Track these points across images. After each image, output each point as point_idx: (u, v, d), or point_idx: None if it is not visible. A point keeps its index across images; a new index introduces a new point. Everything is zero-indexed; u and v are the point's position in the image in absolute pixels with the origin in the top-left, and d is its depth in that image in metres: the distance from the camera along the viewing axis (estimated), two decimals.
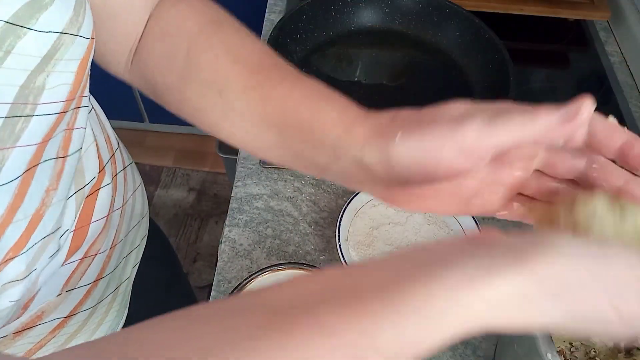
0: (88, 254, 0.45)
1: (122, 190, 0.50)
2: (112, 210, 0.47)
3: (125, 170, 0.51)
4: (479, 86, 0.83)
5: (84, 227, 0.43)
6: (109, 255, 0.48)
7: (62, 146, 0.38)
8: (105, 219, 0.46)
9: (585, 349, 0.54)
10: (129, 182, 0.52)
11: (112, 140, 0.50)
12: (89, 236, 0.44)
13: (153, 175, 1.83)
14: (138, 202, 0.55)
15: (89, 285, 0.46)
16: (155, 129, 1.93)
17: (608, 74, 0.91)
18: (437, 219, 0.68)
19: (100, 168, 0.45)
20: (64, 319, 0.46)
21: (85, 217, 0.43)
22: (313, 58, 0.86)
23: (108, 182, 0.46)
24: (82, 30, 0.37)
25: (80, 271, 0.45)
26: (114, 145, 0.50)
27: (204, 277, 1.57)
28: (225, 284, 0.63)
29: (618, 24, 0.98)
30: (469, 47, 0.86)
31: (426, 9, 0.89)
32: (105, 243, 0.47)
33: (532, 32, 0.99)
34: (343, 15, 0.89)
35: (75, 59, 0.37)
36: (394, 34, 0.90)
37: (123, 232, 0.51)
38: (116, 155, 0.49)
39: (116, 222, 0.48)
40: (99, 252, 0.46)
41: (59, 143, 0.38)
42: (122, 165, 0.51)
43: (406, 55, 0.89)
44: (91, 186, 0.43)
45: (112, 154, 0.49)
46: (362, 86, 0.84)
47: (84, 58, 0.38)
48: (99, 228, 0.45)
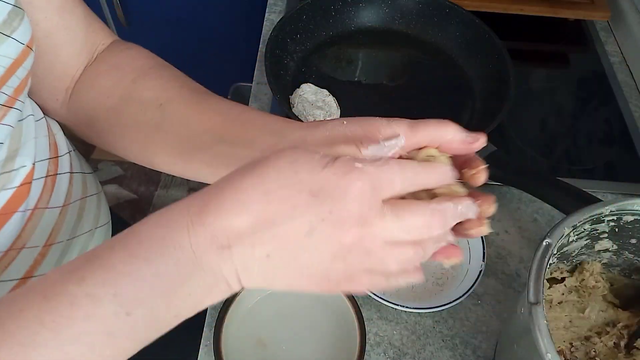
0: (12, 247, 0.44)
1: (64, 192, 0.50)
2: (40, 207, 0.47)
3: (72, 175, 0.53)
4: (479, 86, 0.83)
5: (7, 214, 0.43)
6: (42, 254, 0.47)
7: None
8: (30, 212, 0.46)
9: (585, 348, 0.54)
10: (76, 188, 0.53)
11: (59, 146, 0.52)
12: (12, 227, 0.44)
13: (153, 175, 1.83)
14: (89, 212, 0.55)
15: (16, 281, 0.45)
16: None
17: (608, 74, 0.91)
18: None
19: (32, 160, 0.46)
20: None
21: (12, 204, 0.44)
22: (313, 58, 0.86)
23: (41, 175, 0.47)
24: (16, 34, 0.40)
25: (3, 264, 0.44)
26: (61, 151, 0.52)
27: None
28: None
29: (618, 24, 0.98)
30: (469, 47, 0.86)
31: (426, 9, 0.89)
32: (34, 239, 0.46)
33: (532, 32, 0.99)
34: (343, 15, 0.89)
35: (7, 56, 0.39)
36: (394, 34, 0.90)
37: (63, 235, 0.50)
38: (61, 161, 0.51)
39: (51, 221, 0.48)
40: (25, 247, 0.45)
41: None
42: (68, 169, 0.52)
43: (406, 55, 0.89)
44: (22, 177, 0.44)
45: (55, 156, 0.50)
46: (362, 86, 0.84)
47: (17, 60, 0.41)
48: (23, 220, 0.45)
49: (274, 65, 0.78)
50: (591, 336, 0.55)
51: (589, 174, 0.78)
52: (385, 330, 0.61)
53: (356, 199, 0.29)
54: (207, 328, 0.60)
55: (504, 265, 0.67)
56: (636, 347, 0.53)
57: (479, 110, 0.80)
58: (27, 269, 0.46)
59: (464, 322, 0.62)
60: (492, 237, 0.69)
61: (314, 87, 0.78)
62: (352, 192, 0.29)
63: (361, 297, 0.61)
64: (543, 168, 0.78)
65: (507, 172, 0.69)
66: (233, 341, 0.56)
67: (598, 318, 0.56)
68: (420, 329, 0.61)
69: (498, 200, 0.76)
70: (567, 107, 0.88)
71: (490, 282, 0.65)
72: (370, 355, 0.59)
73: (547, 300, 0.56)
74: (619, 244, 0.53)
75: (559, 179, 0.67)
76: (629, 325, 0.55)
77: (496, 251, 0.68)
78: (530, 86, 0.91)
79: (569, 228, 0.48)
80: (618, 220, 0.50)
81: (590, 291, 0.57)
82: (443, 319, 0.62)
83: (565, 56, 0.97)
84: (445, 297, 0.60)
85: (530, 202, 0.73)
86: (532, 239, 0.69)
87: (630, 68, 0.92)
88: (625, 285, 0.57)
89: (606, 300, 0.57)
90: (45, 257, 0.48)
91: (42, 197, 0.47)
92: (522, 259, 0.67)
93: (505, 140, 0.81)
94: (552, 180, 0.67)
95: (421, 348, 0.60)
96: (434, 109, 0.81)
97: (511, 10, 0.94)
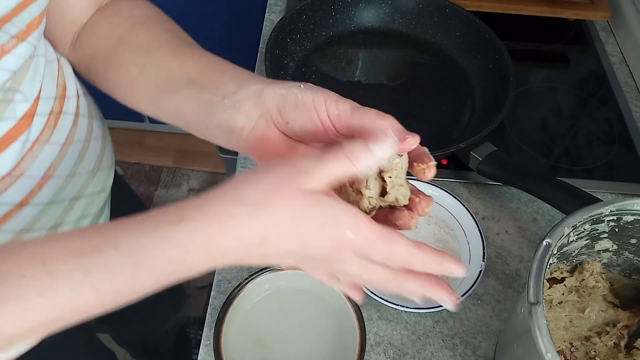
0: (10, 174, 0.47)
1: (67, 131, 0.54)
2: (41, 141, 0.50)
3: (77, 117, 0.56)
4: (479, 86, 0.83)
5: (5, 142, 0.47)
6: (39, 185, 0.50)
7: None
8: (31, 144, 0.49)
9: (585, 348, 0.54)
10: (80, 130, 0.56)
11: (67, 88, 0.55)
12: (10, 155, 0.47)
13: (153, 175, 1.83)
14: (92, 154, 0.58)
15: (12, 206, 0.48)
16: (155, 129, 1.92)
17: (608, 74, 0.91)
18: (437, 219, 0.68)
19: (36, 96, 0.49)
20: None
21: (12, 134, 0.47)
22: (313, 58, 0.86)
23: (44, 111, 0.50)
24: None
25: (1, 187, 0.47)
26: (69, 93, 0.55)
27: (204, 277, 1.57)
28: (225, 284, 0.63)
29: (618, 24, 0.98)
30: (469, 47, 0.86)
31: (426, 9, 0.89)
32: (33, 170, 0.49)
33: (532, 32, 0.99)
34: (343, 15, 0.89)
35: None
36: (394, 34, 0.90)
37: (62, 170, 0.53)
38: (67, 102, 0.55)
39: (50, 156, 0.51)
40: (22, 175, 0.48)
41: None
42: (73, 110, 0.55)
43: (406, 55, 0.89)
44: (22, 110, 0.48)
45: (62, 96, 0.54)
46: (362, 86, 0.84)
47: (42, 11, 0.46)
48: (23, 150, 0.48)
49: (274, 65, 0.78)
50: (591, 336, 0.55)
51: (589, 174, 0.78)
52: (385, 330, 0.61)
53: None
54: (207, 328, 0.60)
55: (504, 265, 0.67)
56: (636, 347, 0.53)
57: (479, 110, 0.80)
58: (24, 197, 0.49)
59: (464, 322, 0.62)
60: (492, 237, 0.69)
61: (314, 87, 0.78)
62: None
63: None
64: (543, 168, 0.78)
65: (507, 172, 0.69)
66: (233, 341, 0.56)
67: (598, 318, 0.56)
68: (420, 329, 0.61)
69: (498, 200, 0.77)
70: (567, 107, 0.88)
71: (490, 282, 0.65)
72: (370, 355, 0.59)
73: (547, 300, 0.56)
74: (619, 244, 0.53)
75: (559, 179, 0.67)
76: (629, 325, 0.55)
77: (496, 251, 0.68)
78: (530, 86, 0.91)
79: (569, 228, 0.48)
80: (618, 220, 0.50)
81: (590, 291, 0.57)
82: (443, 319, 0.62)
83: (565, 56, 0.97)
84: None
85: (530, 202, 0.73)
86: (532, 239, 0.69)
87: (630, 68, 0.92)
88: (625, 285, 0.57)
89: (606, 300, 0.57)
90: (42, 188, 0.51)
91: (44, 132, 0.50)
92: (522, 259, 0.67)
93: (505, 140, 0.81)
94: (552, 180, 0.67)
95: (421, 348, 0.60)
96: (434, 109, 0.81)
97: (511, 10, 0.94)
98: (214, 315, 0.58)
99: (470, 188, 0.74)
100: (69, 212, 0.55)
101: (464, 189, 0.74)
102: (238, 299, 0.58)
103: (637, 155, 0.80)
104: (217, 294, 0.63)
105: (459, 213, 0.67)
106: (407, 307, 0.59)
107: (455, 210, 0.67)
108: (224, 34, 1.49)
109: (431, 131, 0.79)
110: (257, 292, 0.60)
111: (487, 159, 0.70)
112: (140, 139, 1.91)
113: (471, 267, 0.63)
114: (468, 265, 0.63)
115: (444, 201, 0.68)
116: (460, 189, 0.74)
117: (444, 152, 0.70)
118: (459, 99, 0.83)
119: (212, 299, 0.62)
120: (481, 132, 0.70)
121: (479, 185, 0.74)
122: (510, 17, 0.95)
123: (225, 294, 0.60)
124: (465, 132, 0.78)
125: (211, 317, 0.61)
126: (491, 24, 0.83)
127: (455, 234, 0.67)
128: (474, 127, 0.78)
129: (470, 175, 0.74)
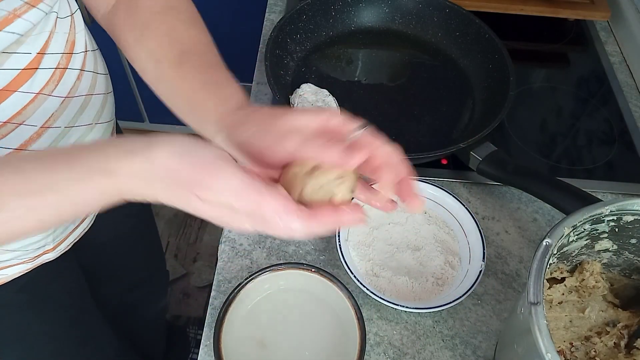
0: (11, 121, 0.50)
1: (70, 85, 0.57)
2: (44, 93, 0.53)
3: (82, 72, 0.59)
4: (479, 86, 0.83)
5: (7, 91, 0.50)
6: (38, 133, 0.54)
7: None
8: (34, 95, 0.52)
9: (586, 348, 0.54)
10: (83, 84, 0.59)
11: (76, 44, 0.58)
12: (12, 104, 0.50)
13: None
14: (93, 107, 0.61)
15: (11, 150, 0.52)
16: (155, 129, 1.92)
17: (608, 74, 0.91)
18: (437, 219, 0.68)
19: (40, 49, 0.52)
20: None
21: (14, 83, 0.50)
22: (313, 58, 0.86)
23: (50, 66, 0.53)
24: None
25: (2, 132, 0.50)
26: (77, 49, 0.58)
27: (204, 277, 1.57)
28: (225, 284, 0.63)
29: (618, 24, 0.99)
30: (469, 47, 0.86)
31: (426, 9, 0.89)
32: (33, 119, 0.52)
33: (532, 32, 0.99)
34: (343, 15, 0.89)
35: None
36: (394, 34, 0.90)
37: (62, 122, 0.56)
38: (74, 58, 0.57)
39: (52, 107, 0.54)
40: (23, 123, 0.52)
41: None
42: (79, 66, 0.58)
43: (406, 55, 0.89)
44: (25, 62, 0.51)
45: (70, 52, 0.56)
46: (362, 86, 0.84)
47: None
48: (25, 100, 0.51)
49: (274, 65, 0.78)
50: (591, 336, 0.55)
51: (589, 174, 0.78)
52: (385, 330, 0.61)
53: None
54: (207, 328, 0.60)
55: (504, 265, 0.67)
56: (636, 347, 0.53)
57: (479, 110, 0.80)
58: (22, 143, 0.52)
59: (464, 322, 0.62)
60: (492, 237, 0.69)
61: (314, 87, 0.78)
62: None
63: (361, 297, 0.62)
64: (543, 168, 0.78)
65: (507, 172, 0.69)
66: (233, 341, 0.56)
67: (598, 318, 0.56)
68: (420, 329, 0.61)
69: (498, 200, 0.77)
70: (567, 107, 0.88)
71: (490, 282, 0.65)
72: (370, 355, 0.59)
73: (547, 300, 0.56)
74: (619, 244, 0.53)
75: (559, 179, 0.67)
76: (629, 325, 0.55)
77: (496, 251, 0.68)
78: (530, 86, 0.91)
79: (569, 228, 0.48)
80: (618, 220, 0.50)
81: (590, 291, 0.57)
82: (443, 319, 0.62)
83: (565, 56, 0.97)
84: (445, 297, 0.60)
85: (530, 202, 0.73)
86: (532, 239, 0.69)
87: (630, 68, 0.92)
88: (625, 285, 0.57)
89: (606, 300, 0.57)
90: (41, 136, 0.54)
91: (48, 86, 0.53)
92: (522, 259, 0.67)
93: (505, 140, 0.81)
94: (552, 180, 0.67)
95: (421, 348, 0.60)
96: (434, 109, 0.81)
97: (511, 10, 0.94)
98: (214, 315, 0.58)
99: (470, 188, 0.74)
100: None
101: (464, 189, 0.74)
102: (238, 299, 0.58)
103: (637, 155, 0.80)
104: (217, 294, 0.63)
105: (459, 213, 0.67)
106: (407, 307, 0.59)
107: (455, 210, 0.67)
108: (224, 34, 1.49)
109: (431, 131, 0.79)
110: (257, 292, 0.60)
111: (487, 159, 0.70)
112: None
113: (471, 267, 0.63)
114: (468, 265, 0.63)
115: (444, 201, 0.68)
116: (460, 189, 0.74)
117: (444, 152, 0.70)
118: (459, 99, 0.83)
119: (212, 299, 0.62)
120: (481, 132, 0.70)
121: (479, 185, 0.74)
122: (510, 17, 0.95)
123: (225, 294, 0.60)
124: (465, 132, 0.78)
125: (211, 317, 0.61)
126: (491, 24, 0.83)
127: (455, 234, 0.67)
128: (474, 127, 0.78)
129: (470, 175, 0.74)
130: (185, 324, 1.43)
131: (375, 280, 0.63)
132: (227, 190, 0.36)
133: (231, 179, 0.36)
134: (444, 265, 0.64)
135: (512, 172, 0.69)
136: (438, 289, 0.63)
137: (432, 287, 0.63)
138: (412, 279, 0.63)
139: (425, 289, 0.62)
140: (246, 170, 0.37)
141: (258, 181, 0.36)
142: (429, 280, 0.63)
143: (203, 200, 0.36)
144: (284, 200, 0.36)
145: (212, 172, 0.36)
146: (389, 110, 0.81)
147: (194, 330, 1.41)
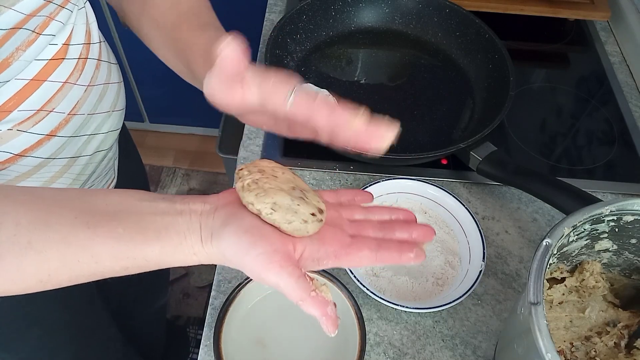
0: (43, 109, 0.54)
1: (91, 74, 0.60)
2: (70, 82, 0.56)
3: (99, 62, 0.62)
4: (479, 86, 0.83)
5: (39, 81, 0.52)
6: (66, 120, 0.57)
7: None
8: (61, 84, 0.55)
9: (586, 348, 0.54)
10: (101, 73, 0.62)
11: (92, 35, 0.60)
12: (43, 93, 0.53)
13: (153, 175, 1.83)
14: (109, 96, 0.65)
15: (43, 136, 0.55)
16: (155, 129, 1.93)
17: (608, 74, 0.91)
18: (437, 219, 0.68)
19: (65, 40, 0.55)
20: (14, 155, 0.53)
21: (44, 72, 0.53)
22: (313, 58, 0.86)
23: (74, 56, 0.56)
24: None
25: (34, 120, 0.53)
26: (93, 40, 0.61)
27: (204, 277, 1.57)
28: (225, 284, 0.63)
29: (618, 24, 0.99)
30: (469, 47, 0.86)
31: (426, 9, 0.89)
32: (62, 106, 0.56)
33: (532, 32, 0.99)
34: (343, 15, 0.89)
35: None
36: (394, 34, 0.90)
37: (85, 109, 0.60)
38: (92, 48, 0.60)
39: (77, 95, 0.57)
40: (53, 110, 0.55)
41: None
42: (96, 56, 0.61)
43: (406, 55, 0.89)
44: (51, 53, 0.53)
45: (88, 42, 0.59)
46: (362, 86, 0.84)
47: None
48: (54, 89, 0.54)
49: (274, 65, 0.78)
50: (591, 336, 0.55)
51: (589, 174, 0.78)
52: (385, 330, 0.61)
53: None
54: (207, 328, 0.60)
55: (504, 265, 0.67)
56: (636, 347, 0.53)
57: (479, 110, 0.80)
58: (52, 129, 0.56)
59: (464, 322, 0.62)
60: (492, 237, 0.69)
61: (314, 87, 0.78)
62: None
63: (361, 297, 0.62)
64: (543, 168, 0.78)
65: (507, 172, 0.69)
66: (233, 341, 0.56)
67: (598, 318, 0.56)
68: (420, 329, 0.61)
69: (498, 200, 0.77)
70: (567, 107, 0.88)
71: (490, 282, 0.65)
72: (370, 355, 0.59)
73: (547, 300, 0.56)
74: (619, 244, 0.53)
75: (559, 179, 0.67)
76: (629, 325, 0.55)
77: (496, 251, 0.68)
78: (530, 86, 0.91)
79: (569, 228, 0.48)
80: (618, 220, 0.50)
81: (590, 291, 0.57)
82: (443, 319, 0.62)
83: (565, 56, 0.97)
84: (445, 297, 0.60)
85: (530, 202, 0.73)
86: (532, 239, 0.69)
87: (630, 68, 0.92)
88: (625, 285, 0.57)
89: (606, 300, 0.57)
90: (69, 122, 0.57)
91: (73, 75, 0.56)
92: (522, 259, 0.67)
93: (505, 140, 0.81)
94: (552, 180, 0.67)
95: (421, 348, 0.60)
96: (434, 109, 0.81)
97: (511, 10, 0.94)
98: (214, 315, 0.58)
99: (470, 188, 0.74)
100: (86, 147, 0.62)
101: (464, 189, 0.74)
102: (238, 299, 0.58)
103: (637, 155, 0.80)
104: (217, 294, 0.63)
105: (459, 213, 0.67)
106: (407, 307, 0.59)
107: (455, 210, 0.67)
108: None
109: (431, 131, 0.79)
110: (257, 292, 0.60)
111: (487, 159, 0.70)
112: (140, 139, 1.91)
113: (471, 267, 0.63)
114: (468, 265, 0.63)
115: (444, 201, 0.68)
116: (460, 189, 0.74)
117: (444, 152, 0.70)
118: (459, 99, 0.83)
119: (212, 299, 0.62)
120: (481, 132, 0.70)
121: (479, 185, 0.74)
122: (510, 17, 0.95)
123: (225, 294, 0.60)
124: (465, 132, 0.78)
125: (211, 317, 0.61)
126: (491, 24, 0.83)
127: (455, 234, 0.67)
128: (474, 127, 0.78)
129: (470, 175, 0.74)
130: (185, 324, 1.43)
131: (375, 280, 0.63)
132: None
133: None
134: (444, 265, 0.64)
135: (512, 172, 0.69)
136: (438, 289, 0.63)
137: (432, 287, 0.63)
138: (412, 279, 0.63)
139: (425, 289, 0.62)
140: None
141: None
142: (429, 280, 0.63)
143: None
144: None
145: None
146: (389, 110, 0.81)
147: (194, 330, 1.41)
